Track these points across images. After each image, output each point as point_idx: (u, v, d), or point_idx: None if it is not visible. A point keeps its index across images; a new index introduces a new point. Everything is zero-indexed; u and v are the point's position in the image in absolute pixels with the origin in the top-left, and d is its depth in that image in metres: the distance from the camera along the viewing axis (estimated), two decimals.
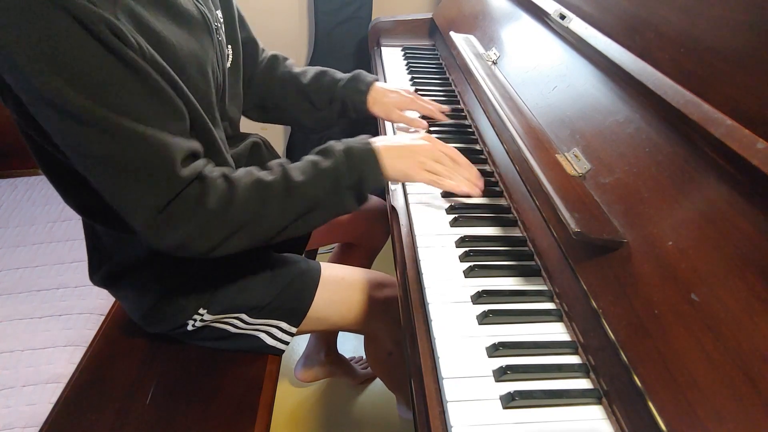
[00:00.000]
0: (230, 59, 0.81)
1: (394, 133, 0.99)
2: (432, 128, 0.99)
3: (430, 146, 0.76)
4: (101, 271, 0.80)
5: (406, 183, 0.86)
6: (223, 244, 0.66)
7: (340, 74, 0.99)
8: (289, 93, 0.99)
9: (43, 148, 0.64)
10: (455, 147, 0.94)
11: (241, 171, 0.69)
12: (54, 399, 0.85)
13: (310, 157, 0.72)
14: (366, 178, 0.71)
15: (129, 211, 0.62)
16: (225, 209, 0.64)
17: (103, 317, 1.02)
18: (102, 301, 1.05)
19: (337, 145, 0.72)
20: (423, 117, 1.01)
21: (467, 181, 0.76)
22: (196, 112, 0.65)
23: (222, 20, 0.78)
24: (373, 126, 1.09)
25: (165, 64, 0.60)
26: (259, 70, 0.98)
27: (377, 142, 0.73)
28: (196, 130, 0.67)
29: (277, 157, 0.96)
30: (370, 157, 0.71)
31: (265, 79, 0.98)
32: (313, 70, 1.00)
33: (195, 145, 0.64)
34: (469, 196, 0.77)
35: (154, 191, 0.60)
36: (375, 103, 0.96)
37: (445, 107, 1.03)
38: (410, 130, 0.99)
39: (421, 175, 0.74)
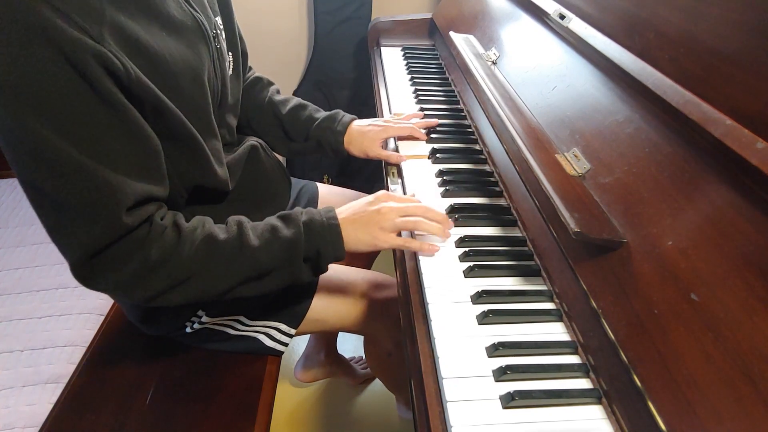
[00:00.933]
0: (231, 66, 0.80)
1: (396, 145, 0.98)
2: (432, 129, 0.99)
3: (387, 208, 0.71)
4: None
5: (406, 183, 0.86)
6: (161, 296, 0.63)
7: (319, 112, 0.97)
8: (265, 117, 0.97)
9: None
10: (455, 147, 0.95)
11: (196, 221, 0.66)
12: (54, 399, 0.85)
13: (272, 221, 0.69)
14: (325, 252, 0.69)
15: (62, 247, 0.59)
16: (167, 261, 0.61)
17: (102, 317, 1.02)
18: (102, 301, 1.05)
19: (300, 215, 0.69)
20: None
21: (438, 227, 0.71)
22: (183, 126, 0.64)
23: (222, 27, 0.78)
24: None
25: (152, 84, 0.57)
26: (242, 86, 0.98)
27: (341, 213, 0.71)
28: (183, 144, 0.65)
29: (275, 158, 0.96)
30: (332, 231, 0.69)
31: (244, 97, 0.96)
32: (293, 101, 0.98)
33: (153, 189, 0.61)
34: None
35: (92, 234, 0.56)
36: (351, 143, 0.94)
37: (432, 121, 0.99)
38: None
39: (387, 242, 0.70)
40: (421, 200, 0.76)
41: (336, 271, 0.92)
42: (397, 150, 0.95)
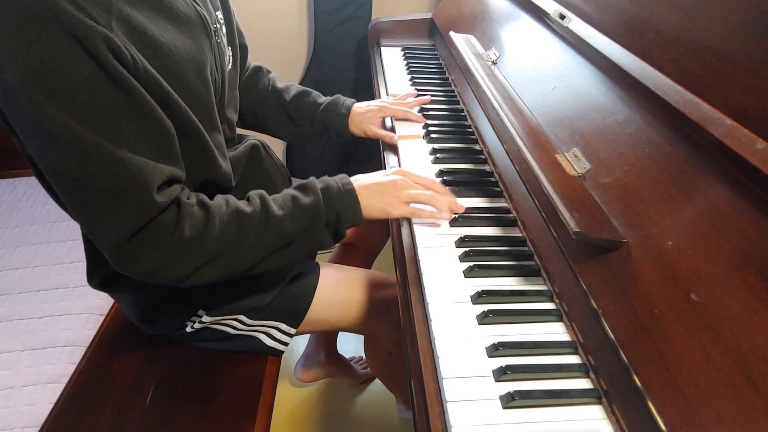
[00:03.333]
0: (230, 61, 0.81)
1: (393, 125, 1.02)
2: (431, 128, 0.99)
3: (403, 180, 0.75)
4: (99, 275, 0.80)
5: None
6: (196, 273, 0.64)
7: (321, 97, 1.03)
8: (269, 105, 1.01)
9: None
10: (455, 147, 0.95)
11: (219, 199, 0.68)
12: (54, 399, 0.85)
13: (291, 192, 0.71)
14: (343, 216, 0.71)
15: (97, 234, 0.60)
16: (200, 238, 0.63)
17: (102, 317, 1.02)
18: (101, 301, 1.05)
19: (317, 182, 0.72)
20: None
21: (447, 202, 0.75)
22: (189, 120, 0.64)
23: (222, 21, 0.78)
24: None
25: (159, 75, 0.58)
26: (242, 78, 0.99)
27: (355, 181, 0.74)
28: (189, 138, 0.66)
29: (276, 158, 0.97)
30: (348, 196, 0.71)
31: (246, 87, 1.00)
32: (295, 88, 1.03)
33: (175, 170, 0.62)
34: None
35: (127, 217, 0.58)
36: (351, 123, 1.01)
37: (425, 98, 1.07)
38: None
39: (399, 210, 0.74)
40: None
41: (336, 270, 0.92)
42: (393, 130, 1.01)
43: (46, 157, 0.55)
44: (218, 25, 0.75)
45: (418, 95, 1.09)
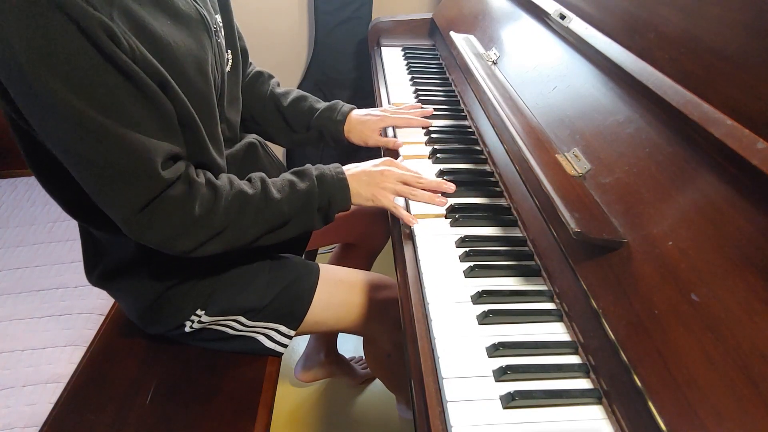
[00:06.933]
0: (230, 63, 0.81)
1: (394, 132, 1.00)
2: (432, 129, 0.99)
3: (390, 171, 0.80)
4: (97, 270, 0.80)
5: None
6: (202, 246, 0.70)
7: (319, 102, 1.01)
8: (267, 111, 1.00)
9: (32, 142, 0.65)
10: (455, 147, 0.95)
11: (224, 179, 0.73)
12: (54, 399, 0.85)
13: (288, 177, 0.77)
14: (334, 202, 0.78)
15: (110, 208, 0.64)
16: (208, 214, 0.68)
17: (103, 317, 1.02)
18: (102, 301, 1.05)
19: (313, 169, 0.79)
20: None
21: (431, 196, 0.79)
22: (185, 109, 0.66)
23: (221, 24, 0.79)
24: None
25: (158, 64, 0.60)
26: (243, 82, 0.98)
27: (347, 170, 0.80)
28: (184, 127, 0.67)
29: (274, 157, 0.97)
30: (340, 184, 0.78)
31: (246, 92, 0.99)
32: (294, 93, 1.01)
33: (176, 148, 0.65)
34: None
35: (135, 191, 0.62)
36: (351, 132, 0.98)
37: (428, 110, 1.02)
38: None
39: (383, 202, 0.79)
40: (420, 171, 0.83)
41: (335, 272, 0.92)
42: (395, 137, 0.98)
43: (57, 138, 0.58)
44: (218, 27, 0.75)
45: (422, 107, 1.04)
